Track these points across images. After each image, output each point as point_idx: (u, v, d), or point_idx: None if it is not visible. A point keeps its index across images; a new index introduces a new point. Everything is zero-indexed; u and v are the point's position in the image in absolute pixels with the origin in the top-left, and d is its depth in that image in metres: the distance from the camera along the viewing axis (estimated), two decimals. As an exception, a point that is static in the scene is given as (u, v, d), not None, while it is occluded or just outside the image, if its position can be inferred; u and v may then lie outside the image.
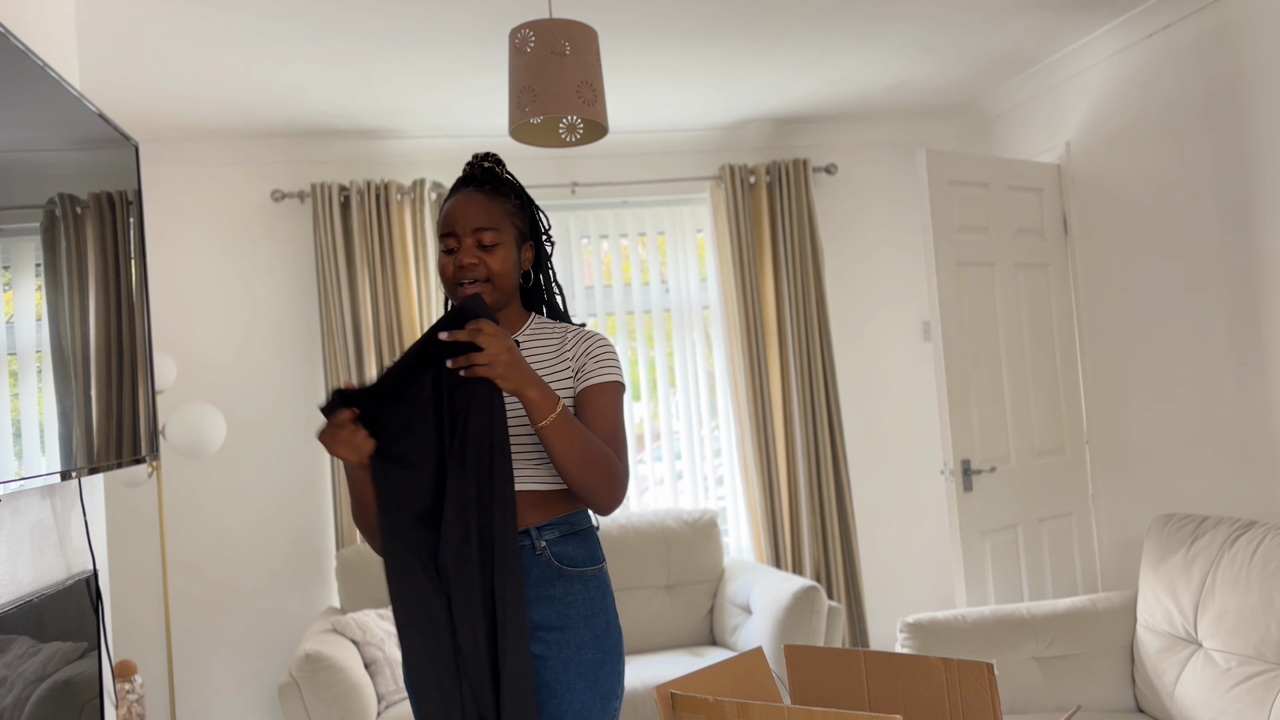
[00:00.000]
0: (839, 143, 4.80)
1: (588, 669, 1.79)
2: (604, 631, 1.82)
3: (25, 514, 2.09)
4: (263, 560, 4.28)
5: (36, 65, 1.96)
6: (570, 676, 1.78)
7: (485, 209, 1.85)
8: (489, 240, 1.83)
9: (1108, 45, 3.75)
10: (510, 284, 1.87)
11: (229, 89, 3.71)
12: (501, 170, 1.92)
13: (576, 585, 1.81)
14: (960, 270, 3.75)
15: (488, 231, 1.83)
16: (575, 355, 1.87)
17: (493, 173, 1.90)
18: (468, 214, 1.84)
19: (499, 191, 1.88)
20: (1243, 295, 3.27)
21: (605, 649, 1.81)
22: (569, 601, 1.80)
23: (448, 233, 1.86)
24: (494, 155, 1.93)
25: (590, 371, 1.85)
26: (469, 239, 1.84)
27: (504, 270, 1.85)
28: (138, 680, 3.54)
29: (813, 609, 3.62)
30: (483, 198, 1.86)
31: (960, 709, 1.58)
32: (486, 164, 1.91)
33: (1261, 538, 2.81)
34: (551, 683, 1.78)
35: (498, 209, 1.86)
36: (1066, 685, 3.13)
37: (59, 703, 2.02)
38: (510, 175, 1.93)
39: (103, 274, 2.28)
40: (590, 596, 1.82)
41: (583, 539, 1.86)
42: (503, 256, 1.85)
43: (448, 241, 1.86)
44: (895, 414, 4.78)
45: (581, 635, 1.80)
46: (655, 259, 4.71)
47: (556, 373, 1.85)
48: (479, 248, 1.84)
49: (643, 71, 3.86)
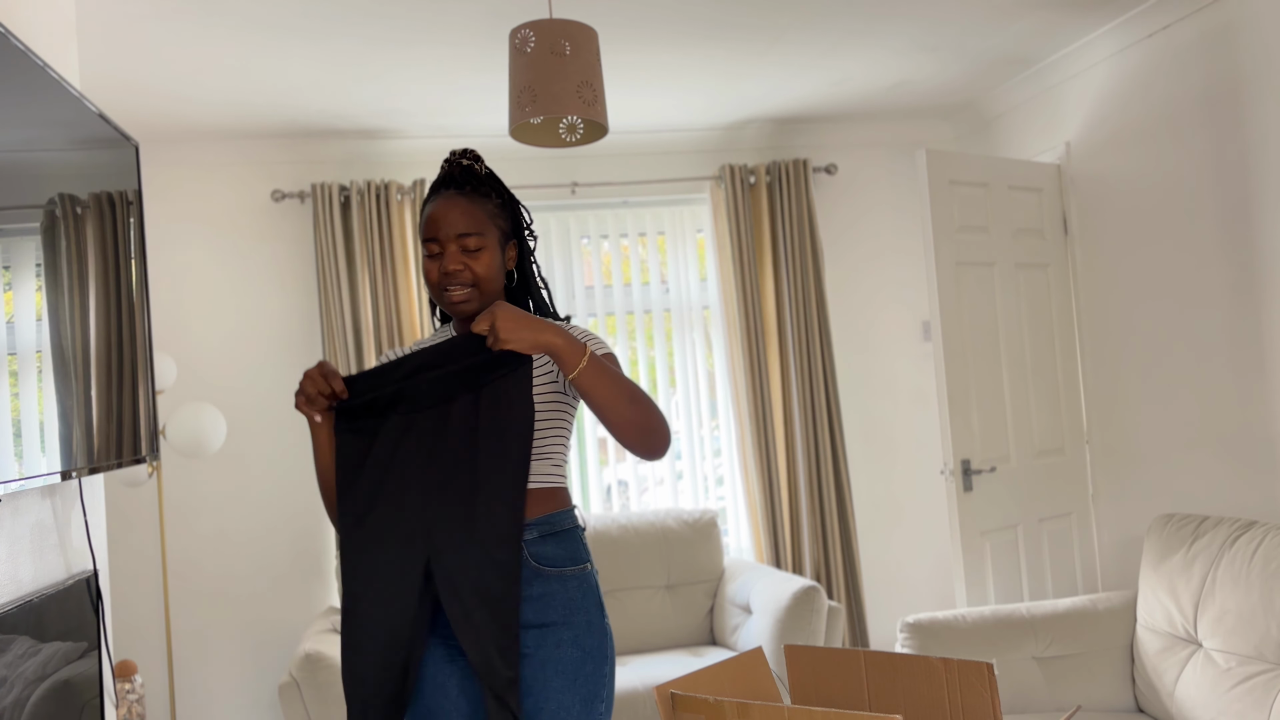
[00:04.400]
0: (839, 143, 4.80)
1: (565, 667, 1.77)
2: (584, 631, 1.80)
3: (25, 514, 2.09)
4: (263, 560, 4.27)
5: (36, 65, 1.96)
6: (547, 674, 1.76)
7: (468, 213, 1.82)
8: (473, 245, 1.82)
9: (1108, 45, 3.75)
10: (496, 286, 1.86)
11: (229, 89, 3.71)
12: (481, 167, 1.88)
13: (555, 585, 1.80)
14: (960, 270, 3.75)
15: (471, 237, 1.82)
16: None
17: (472, 171, 1.87)
18: (450, 219, 1.82)
19: (480, 193, 1.85)
20: (1243, 295, 3.27)
21: (586, 649, 1.79)
22: (547, 601, 1.79)
23: (430, 238, 1.83)
24: (472, 152, 1.89)
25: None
26: (452, 245, 1.82)
27: (489, 274, 1.84)
28: (138, 680, 3.54)
29: (813, 609, 3.62)
30: (464, 201, 1.83)
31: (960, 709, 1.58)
32: (465, 161, 1.88)
33: (1261, 538, 2.81)
34: (529, 679, 1.77)
35: (480, 212, 1.84)
36: (1066, 685, 3.13)
37: (59, 703, 2.02)
38: (489, 170, 1.90)
39: (103, 274, 2.28)
40: (570, 596, 1.81)
41: (563, 540, 1.84)
42: (487, 260, 1.83)
43: (430, 246, 1.84)
44: (895, 414, 4.78)
45: (559, 634, 1.79)
46: (655, 259, 4.71)
47: (539, 367, 1.85)
48: (463, 252, 1.82)
49: (643, 71, 3.86)
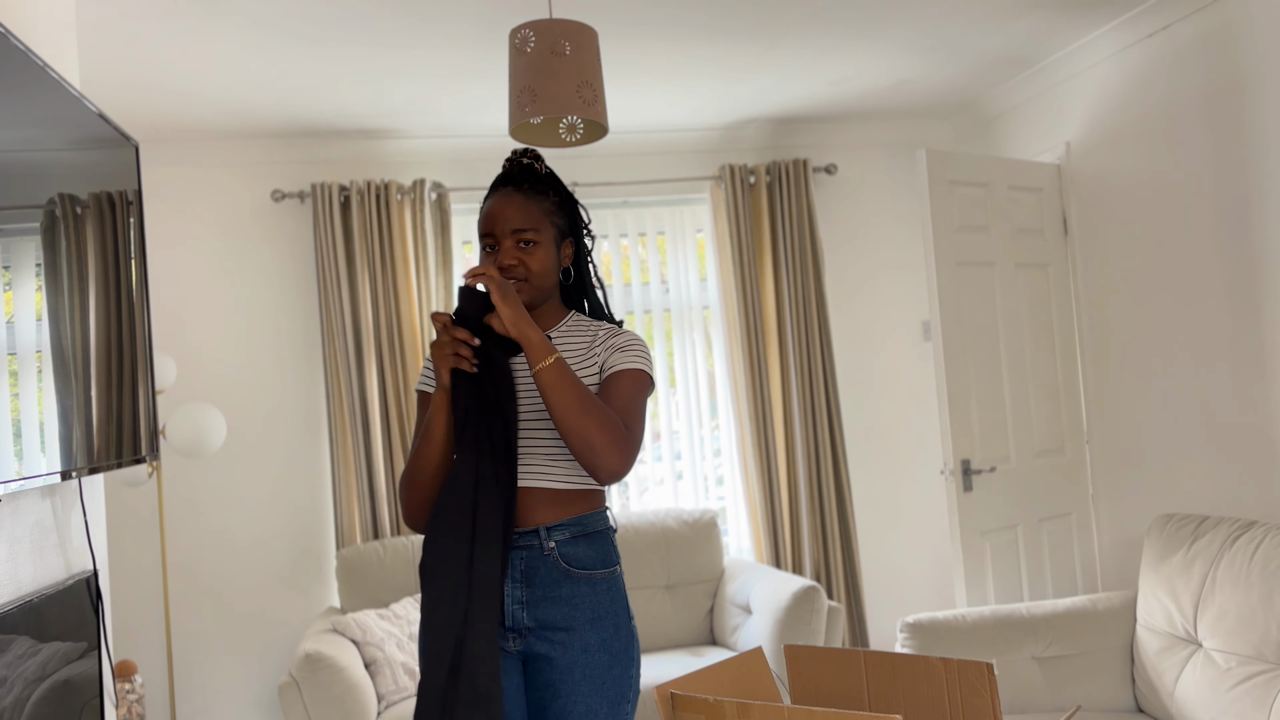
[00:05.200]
0: (839, 143, 4.80)
1: (593, 672, 1.78)
2: (611, 635, 1.81)
3: (25, 514, 2.09)
4: (263, 560, 4.27)
5: (36, 65, 1.96)
6: (575, 679, 1.77)
7: (524, 209, 1.85)
8: (528, 239, 1.85)
9: (1108, 45, 3.75)
10: (549, 283, 1.89)
11: (229, 89, 3.71)
12: (541, 167, 1.91)
13: (584, 587, 1.80)
14: (960, 270, 3.75)
15: (527, 232, 1.84)
16: (603, 351, 1.87)
17: (531, 169, 1.90)
18: (506, 215, 1.85)
19: (537, 190, 1.88)
20: (1243, 294, 3.27)
21: (614, 653, 1.80)
22: (575, 603, 1.80)
23: (487, 233, 1.87)
24: (533, 151, 1.93)
25: (616, 362, 1.84)
26: (508, 240, 1.85)
27: (543, 270, 1.86)
28: (138, 680, 3.54)
29: (813, 609, 3.62)
30: (521, 198, 1.86)
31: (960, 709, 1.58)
32: (525, 160, 1.91)
33: (1261, 538, 2.81)
34: (556, 683, 1.78)
35: (536, 209, 1.86)
36: (1066, 685, 3.13)
37: (59, 703, 2.02)
38: (549, 171, 1.93)
39: (103, 274, 2.28)
40: (598, 599, 1.81)
41: (595, 541, 1.84)
42: (541, 256, 1.86)
43: (487, 241, 1.87)
44: (895, 414, 4.78)
45: (587, 638, 1.79)
46: (655, 259, 4.71)
47: (585, 368, 1.85)
48: (518, 247, 1.85)
49: (643, 71, 3.86)
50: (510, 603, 1.80)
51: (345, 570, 3.97)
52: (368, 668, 3.50)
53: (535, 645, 1.80)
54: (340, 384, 4.22)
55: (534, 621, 1.80)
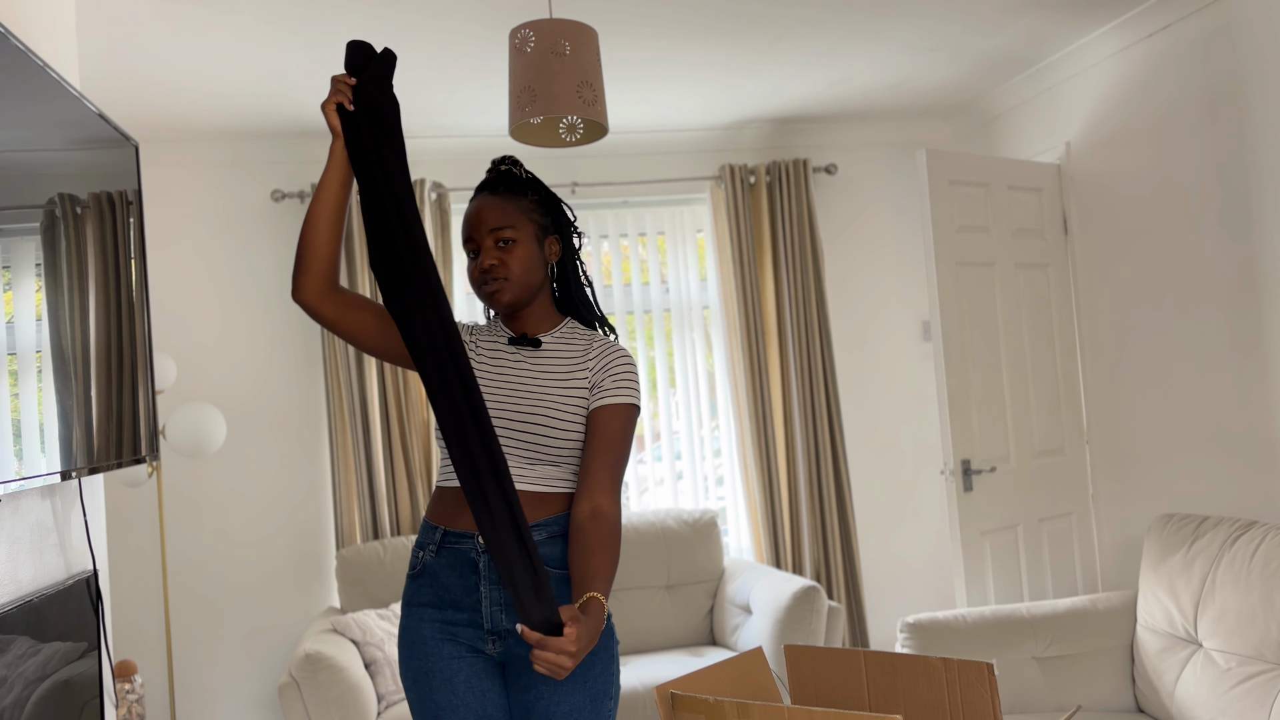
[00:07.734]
0: (839, 143, 4.80)
1: (575, 670, 1.78)
2: None
3: (25, 514, 2.09)
4: (263, 560, 4.27)
5: (36, 65, 1.96)
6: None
7: (499, 208, 1.87)
8: (506, 237, 1.85)
9: (1108, 45, 3.75)
10: (534, 280, 1.88)
11: (229, 89, 3.71)
12: (520, 172, 1.93)
13: (564, 586, 1.81)
14: (960, 270, 3.75)
15: (504, 230, 1.85)
16: (595, 368, 1.87)
17: (510, 174, 1.91)
18: (482, 217, 1.87)
19: (515, 190, 1.89)
20: (1243, 294, 3.27)
21: (594, 650, 1.80)
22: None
23: (468, 238, 1.88)
24: (511, 157, 1.94)
25: (607, 390, 1.85)
26: (487, 240, 1.86)
27: (525, 267, 1.86)
28: (138, 680, 3.54)
29: (813, 609, 3.62)
30: (497, 199, 1.88)
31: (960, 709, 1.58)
32: (504, 166, 1.93)
33: (1261, 538, 2.81)
34: (538, 682, 1.78)
35: (512, 207, 1.87)
36: (1066, 685, 3.13)
37: (59, 703, 2.02)
38: (530, 175, 1.94)
39: (103, 274, 2.28)
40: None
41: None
42: (521, 254, 1.86)
43: (469, 247, 1.89)
44: (895, 414, 4.78)
45: None
46: (655, 259, 4.71)
47: (575, 377, 1.86)
48: (497, 246, 1.85)
49: (643, 71, 3.86)
50: (489, 605, 1.80)
51: (345, 570, 3.97)
52: (368, 668, 3.50)
53: (515, 647, 1.81)
54: (340, 384, 4.22)
55: (514, 623, 1.80)
